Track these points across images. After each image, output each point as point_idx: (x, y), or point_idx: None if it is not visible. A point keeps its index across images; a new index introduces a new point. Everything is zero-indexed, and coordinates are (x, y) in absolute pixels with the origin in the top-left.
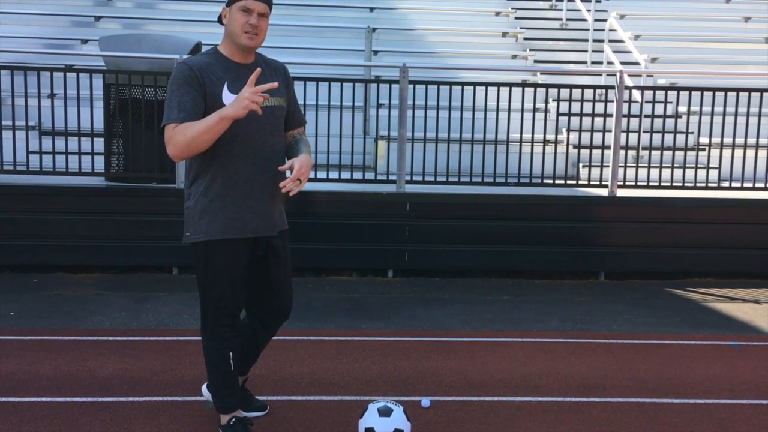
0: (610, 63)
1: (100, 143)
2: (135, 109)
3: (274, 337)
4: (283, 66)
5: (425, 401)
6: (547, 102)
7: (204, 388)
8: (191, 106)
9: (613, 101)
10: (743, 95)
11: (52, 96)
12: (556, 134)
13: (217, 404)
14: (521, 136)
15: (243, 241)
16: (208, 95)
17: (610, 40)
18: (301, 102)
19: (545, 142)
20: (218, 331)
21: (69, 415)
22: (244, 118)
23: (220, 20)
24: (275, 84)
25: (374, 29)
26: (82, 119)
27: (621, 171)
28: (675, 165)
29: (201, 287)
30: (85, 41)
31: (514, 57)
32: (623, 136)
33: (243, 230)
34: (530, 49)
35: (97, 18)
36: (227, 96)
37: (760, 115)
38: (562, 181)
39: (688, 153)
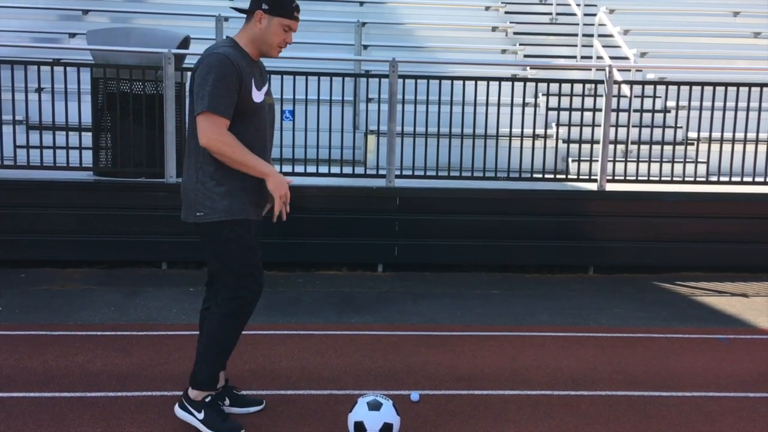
0: (599, 58)
1: (88, 137)
2: (123, 103)
3: (264, 332)
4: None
5: (414, 395)
6: (536, 96)
7: (177, 409)
8: (231, 102)
9: (602, 96)
10: (732, 90)
11: (39, 90)
12: (546, 129)
13: (203, 379)
14: (511, 131)
15: (254, 222)
16: (242, 89)
17: (600, 35)
18: (290, 96)
19: (535, 136)
20: (243, 307)
21: (57, 411)
22: (264, 113)
23: (249, 12)
24: (290, 180)
25: (364, 23)
26: (70, 113)
27: (610, 165)
28: (664, 159)
29: (224, 263)
30: (72, 35)
31: (503, 51)
32: (612, 130)
33: (256, 213)
34: (520, 44)
35: (85, 11)
36: (256, 93)
37: (748, 109)
38: (552, 176)
39: (677, 147)
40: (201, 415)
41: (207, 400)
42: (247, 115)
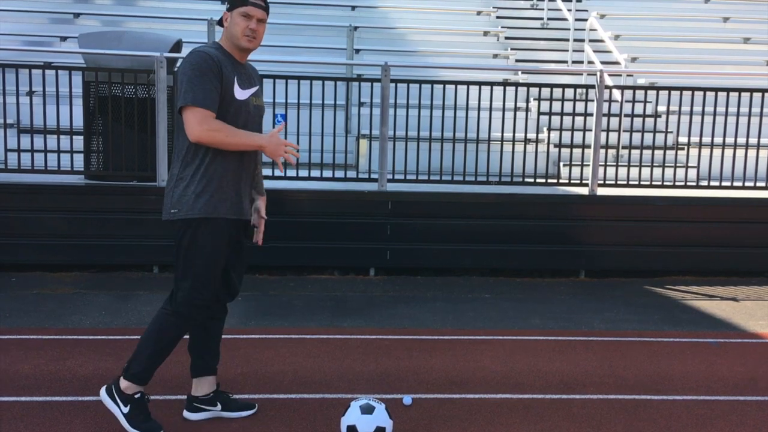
0: (590, 62)
1: (79, 141)
2: (115, 106)
3: (256, 336)
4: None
5: (407, 399)
6: (528, 101)
7: (104, 393)
8: (215, 96)
9: (593, 100)
10: (722, 95)
11: (30, 93)
12: (537, 133)
13: (138, 372)
14: (503, 135)
15: (229, 222)
16: (223, 86)
17: (591, 40)
18: (282, 100)
19: (526, 141)
20: (190, 311)
21: (49, 415)
22: (247, 112)
23: (220, 23)
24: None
25: (356, 28)
26: (62, 117)
27: (601, 170)
28: (654, 164)
29: (184, 264)
30: (64, 38)
31: (495, 56)
32: (603, 135)
33: (232, 211)
34: (511, 48)
35: (77, 15)
36: (238, 91)
37: (738, 114)
38: (543, 180)
39: (668, 152)
40: (126, 409)
41: (136, 396)
42: (231, 111)
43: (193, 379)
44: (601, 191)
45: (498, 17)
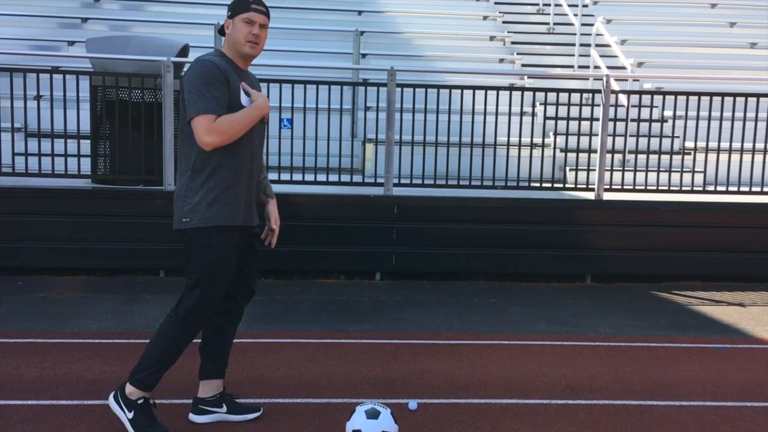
0: (596, 67)
1: (86, 145)
2: (122, 110)
3: (262, 340)
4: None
5: (412, 404)
6: (534, 106)
7: (111, 399)
8: (224, 103)
9: (599, 105)
10: (728, 100)
11: (38, 98)
12: (543, 138)
13: (141, 378)
14: (509, 140)
15: (239, 229)
16: (230, 94)
17: (597, 45)
18: (288, 105)
19: (532, 145)
20: (195, 319)
21: (55, 419)
22: None
23: (221, 32)
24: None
25: (362, 32)
26: (69, 121)
27: (607, 174)
28: (661, 169)
29: (195, 272)
30: (71, 43)
31: (501, 61)
32: (610, 139)
33: (243, 218)
34: (518, 53)
35: (84, 19)
36: (244, 98)
37: (744, 119)
38: (550, 185)
39: (674, 157)
40: (130, 415)
41: (139, 402)
42: None
43: (201, 382)
44: (607, 196)
45: (504, 22)
